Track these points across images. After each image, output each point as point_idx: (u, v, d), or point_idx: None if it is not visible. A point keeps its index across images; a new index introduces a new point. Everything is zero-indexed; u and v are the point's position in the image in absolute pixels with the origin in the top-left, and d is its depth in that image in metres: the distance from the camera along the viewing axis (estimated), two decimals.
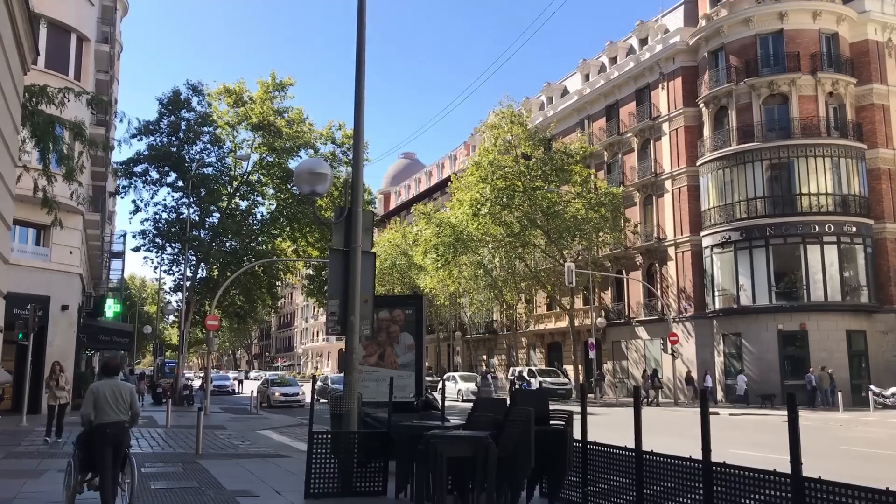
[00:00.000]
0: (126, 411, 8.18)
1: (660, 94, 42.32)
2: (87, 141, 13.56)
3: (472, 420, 9.29)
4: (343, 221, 10.14)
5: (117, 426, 8.03)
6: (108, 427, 7.96)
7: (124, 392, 8.25)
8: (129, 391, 8.39)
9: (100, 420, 7.99)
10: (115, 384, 8.33)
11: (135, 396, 8.48)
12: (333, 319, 9.99)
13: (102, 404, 8.03)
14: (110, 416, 7.99)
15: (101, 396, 8.07)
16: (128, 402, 8.22)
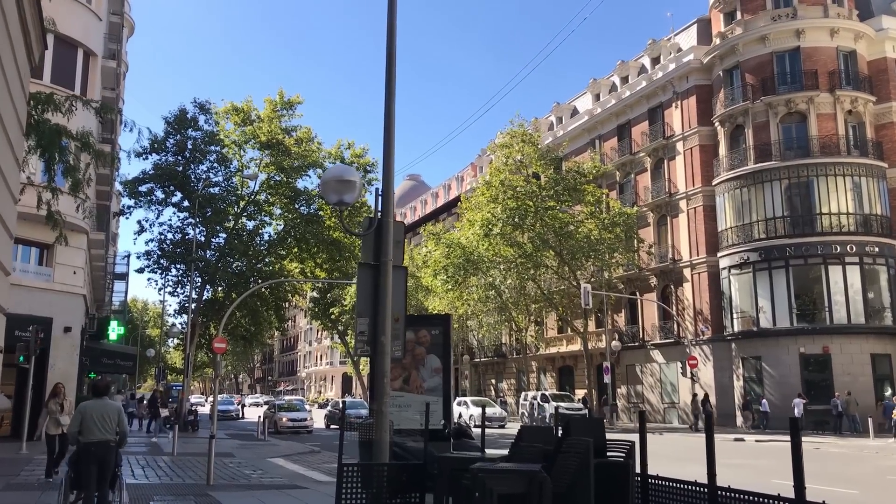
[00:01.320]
0: (113, 431, 8.48)
1: (673, 112, 41.73)
2: (95, 152, 12.83)
3: (518, 451, 8.40)
4: (372, 233, 9.33)
5: (102, 446, 8.35)
6: (93, 446, 8.30)
7: (111, 412, 8.54)
8: (117, 411, 8.70)
9: (86, 439, 8.34)
10: (104, 404, 8.62)
11: (123, 417, 8.77)
12: (362, 340, 9.13)
13: (89, 424, 8.36)
14: (96, 436, 8.33)
15: (87, 416, 8.39)
16: (115, 422, 8.53)
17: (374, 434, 8.97)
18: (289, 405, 38.00)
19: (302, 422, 33.82)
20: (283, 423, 33.38)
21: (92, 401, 8.75)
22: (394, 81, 9.63)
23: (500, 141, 41.93)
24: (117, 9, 29.88)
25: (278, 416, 34.14)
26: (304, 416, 34.72)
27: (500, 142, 42.08)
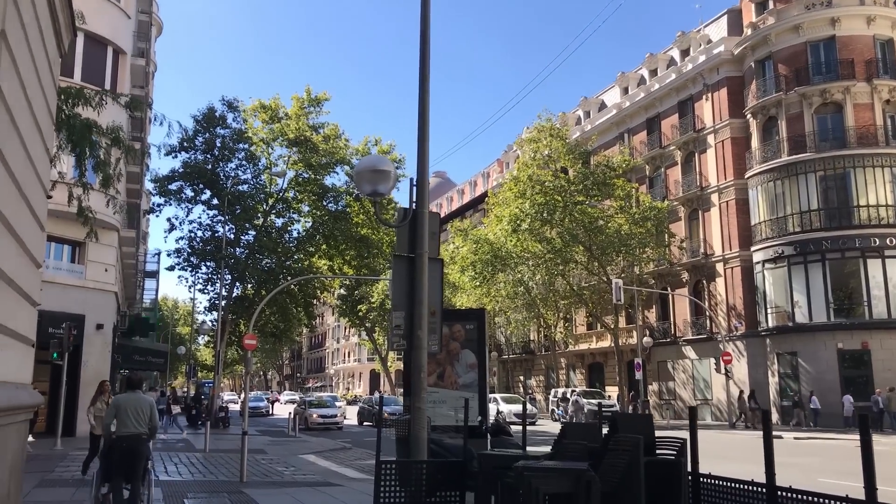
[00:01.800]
0: (145, 424, 8.76)
1: (704, 105, 41.02)
2: (125, 147, 12.74)
3: (562, 448, 8.11)
4: (407, 225, 9.10)
5: (134, 438, 8.61)
6: (125, 440, 8.56)
7: (144, 406, 8.83)
8: (150, 405, 8.97)
9: (119, 432, 8.62)
10: (137, 398, 8.90)
11: (155, 411, 9.04)
12: (398, 334, 8.90)
13: (123, 417, 8.65)
14: (129, 429, 8.60)
15: (122, 410, 8.68)
16: (147, 415, 8.80)
17: (411, 431, 8.74)
18: (319, 401, 37.77)
19: (332, 418, 33.66)
20: (314, 420, 33.23)
21: (126, 394, 9.03)
22: (428, 67, 9.41)
23: (528, 136, 41.51)
24: (146, 7, 29.98)
25: (308, 413, 33.99)
26: (335, 412, 34.55)
27: (527, 136, 41.66)
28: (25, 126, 5.43)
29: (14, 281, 5.46)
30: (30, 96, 5.45)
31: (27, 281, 6.05)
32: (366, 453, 20.65)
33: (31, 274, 6.36)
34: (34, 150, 5.94)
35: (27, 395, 6.04)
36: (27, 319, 6.28)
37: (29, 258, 6.13)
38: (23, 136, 5.35)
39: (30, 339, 6.40)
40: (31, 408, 6.28)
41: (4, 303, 5.23)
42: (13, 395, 5.35)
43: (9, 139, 4.88)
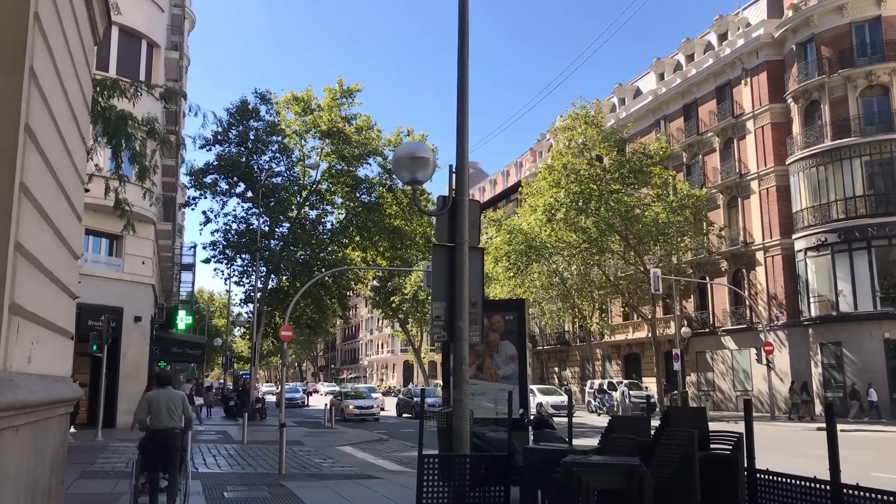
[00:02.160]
0: (179, 418, 9.11)
1: (743, 90, 40.09)
2: (161, 139, 12.69)
3: (610, 443, 7.82)
4: (447, 213, 8.86)
5: (168, 432, 8.96)
6: (160, 433, 8.93)
7: (177, 400, 9.18)
8: (182, 399, 9.33)
9: (154, 426, 8.98)
10: (169, 393, 9.24)
11: (187, 404, 9.40)
12: (439, 325, 8.67)
13: (156, 412, 9.00)
14: (163, 423, 8.96)
15: (155, 404, 9.03)
16: (180, 409, 9.16)
17: (454, 424, 8.52)
18: (355, 392, 37.44)
19: (368, 409, 33.40)
20: (350, 411, 33.00)
21: (158, 390, 9.34)
22: (466, 48, 9.15)
23: (563, 124, 40.93)
24: (178, 1, 30.10)
25: (345, 404, 33.78)
26: (371, 403, 34.27)
27: (562, 124, 41.07)
28: (60, 112, 5.29)
29: (52, 272, 5.33)
30: (64, 81, 5.31)
31: (65, 273, 5.94)
32: (402, 445, 20.55)
33: (70, 265, 6.24)
34: (69, 138, 5.81)
35: (67, 388, 5.93)
36: (66, 312, 6.16)
37: (67, 249, 6.01)
38: (58, 123, 5.22)
39: (69, 331, 6.29)
40: (70, 401, 6.18)
41: (43, 295, 5.11)
42: (53, 388, 5.23)
43: (43, 125, 4.73)
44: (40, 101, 4.61)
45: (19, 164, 4.20)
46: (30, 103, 4.34)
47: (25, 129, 4.30)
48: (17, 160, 4.17)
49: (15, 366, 4.28)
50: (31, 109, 4.38)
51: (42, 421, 5.11)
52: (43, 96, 4.64)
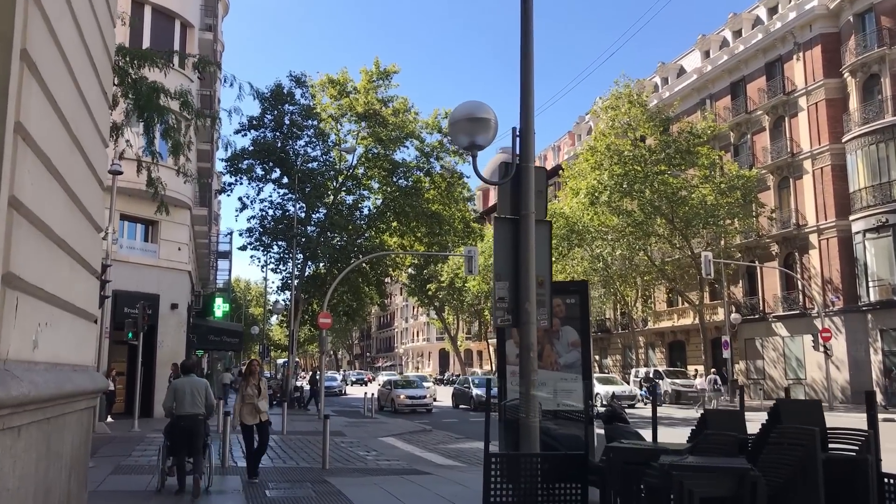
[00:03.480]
0: (201, 405, 9.52)
1: (794, 65, 38.32)
2: (195, 112, 11.92)
3: (704, 441, 6.83)
4: (509, 182, 7.91)
5: (191, 418, 9.39)
6: (184, 419, 9.37)
7: (199, 388, 9.61)
8: (204, 387, 9.72)
9: (178, 412, 9.45)
10: (192, 381, 9.71)
11: (210, 391, 9.78)
12: (502, 307, 7.74)
13: (181, 399, 9.45)
14: (186, 409, 9.41)
15: (179, 392, 9.49)
16: (203, 396, 9.56)
17: (521, 418, 7.60)
18: (405, 381, 35.25)
19: (421, 399, 31.06)
20: (401, 401, 30.76)
21: (182, 378, 9.88)
22: None
23: (606, 103, 39.53)
24: None
25: (395, 394, 31.61)
26: (424, 392, 32.07)
27: (605, 104, 39.67)
28: (72, 50, 4.44)
29: (67, 242, 4.50)
30: (76, 12, 4.45)
31: (84, 245, 5.11)
32: (447, 436, 19.73)
33: (90, 238, 5.42)
34: (87, 86, 4.97)
35: (87, 378, 5.11)
36: (86, 291, 5.35)
37: (85, 218, 5.19)
38: (70, 63, 4.37)
39: (90, 313, 5.47)
40: (92, 394, 5.36)
41: (54, 268, 4.28)
42: (67, 379, 4.41)
43: (49, 59, 3.88)
44: (43, 28, 3.75)
45: (13, 97, 3.34)
46: (27, 24, 3.49)
47: (22, 56, 3.45)
48: (11, 92, 3.32)
49: (14, 352, 3.45)
50: (31, 34, 3.53)
51: (55, 419, 4.29)
52: (47, 20, 3.78)
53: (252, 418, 10.57)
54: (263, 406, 10.69)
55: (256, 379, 10.71)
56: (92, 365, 5.67)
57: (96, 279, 5.81)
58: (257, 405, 10.57)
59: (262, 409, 10.62)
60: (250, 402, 10.55)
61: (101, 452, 13.39)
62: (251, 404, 10.55)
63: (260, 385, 10.70)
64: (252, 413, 10.57)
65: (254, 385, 10.62)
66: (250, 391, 10.56)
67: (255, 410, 10.55)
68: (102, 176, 5.88)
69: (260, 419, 10.60)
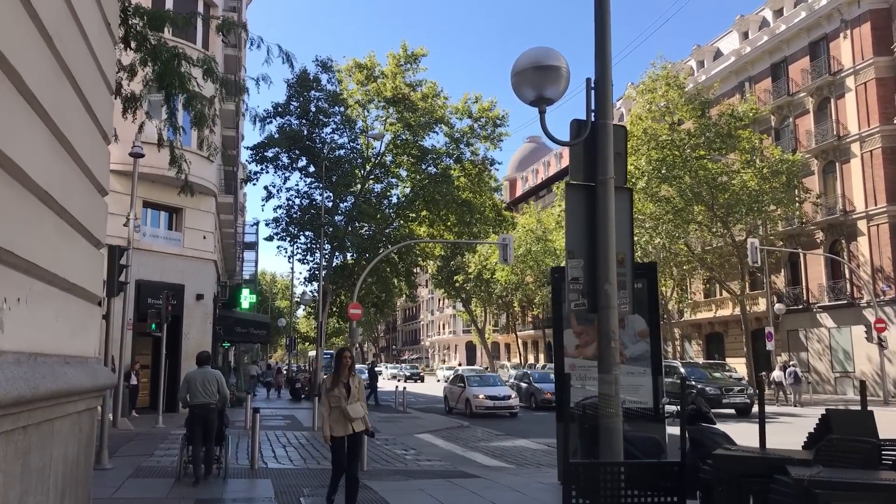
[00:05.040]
0: (214, 395, 9.84)
1: (841, 44, 36.57)
2: (221, 81, 10.89)
3: (831, 447, 5.64)
4: (583, 144, 6.76)
5: (204, 408, 9.74)
6: (198, 409, 9.74)
7: (212, 379, 9.91)
8: (216, 378, 10.00)
9: (192, 402, 9.79)
10: (205, 372, 10.01)
11: (223, 382, 10.06)
12: (576, 289, 6.59)
13: (194, 390, 9.78)
14: (199, 399, 9.74)
15: (192, 383, 9.84)
16: (215, 387, 9.88)
17: (601, 419, 6.46)
18: (482, 378, 29.57)
19: (504, 400, 25.45)
20: (480, 402, 25.18)
21: (195, 370, 10.12)
22: None
23: (643, 86, 38.04)
24: None
25: (472, 392, 25.94)
26: (507, 392, 26.51)
27: (641, 87, 38.18)
28: None
29: (52, 196, 3.45)
30: None
31: (80, 205, 4.07)
32: (486, 433, 18.65)
33: (88, 197, 4.37)
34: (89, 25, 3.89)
35: (85, 374, 4.06)
36: (84, 263, 4.30)
37: (81, 171, 4.13)
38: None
39: (91, 292, 4.42)
40: (92, 392, 4.32)
41: (32, 228, 3.23)
42: (51, 375, 3.35)
43: None
44: None
45: None
46: None
47: None
48: None
49: None
50: None
51: (36, 427, 3.24)
52: None
53: (342, 428, 7.73)
54: (357, 411, 7.76)
55: (347, 374, 7.79)
56: (94, 357, 4.62)
57: (100, 252, 4.77)
58: (347, 410, 7.68)
59: (354, 414, 7.71)
60: (337, 405, 7.72)
61: (121, 451, 12.48)
62: (338, 409, 7.72)
63: (351, 383, 7.77)
64: (341, 420, 7.72)
65: (343, 384, 7.74)
66: (338, 392, 7.70)
67: (345, 419, 7.71)
68: (107, 127, 4.83)
69: (353, 428, 7.76)
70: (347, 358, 7.98)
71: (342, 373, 7.78)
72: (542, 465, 12.57)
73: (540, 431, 18.38)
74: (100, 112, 4.57)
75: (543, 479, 10.36)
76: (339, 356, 8.01)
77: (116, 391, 16.83)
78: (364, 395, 8.10)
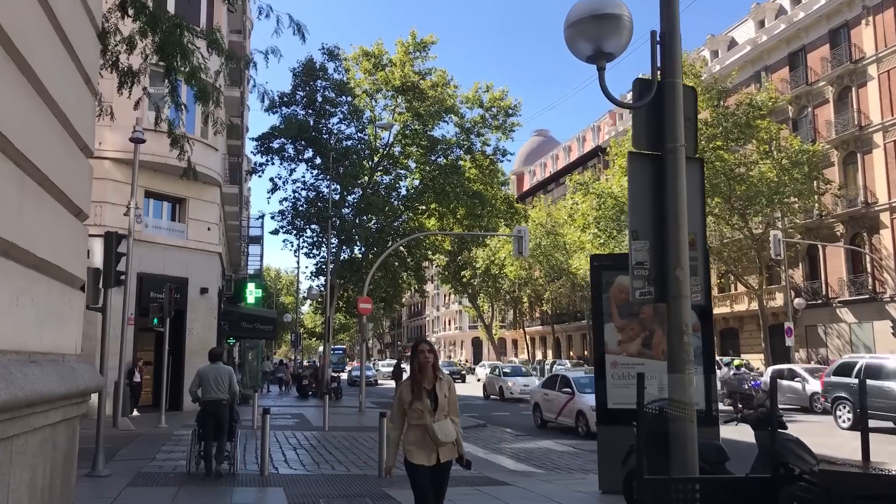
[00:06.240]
0: (225, 391, 9.86)
1: (863, 31, 35.52)
2: (226, 53, 9.99)
3: None
4: (647, 106, 5.84)
5: (215, 403, 9.77)
6: (209, 404, 9.77)
7: (224, 375, 9.92)
8: (228, 374, 10.02)
9: (204, 398, 9.81)
10: (217, 368, 10.01)
11: (234, 378, 10.11)
12: (642, 275, 5.65)
13: (206, 385, 9.81)
14: (211, 395, 9.77)
15: (204, 378, 9.84)
16: (227, 383, 9.90)
17: (673, 426, 5.55)
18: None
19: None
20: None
21: (207, 365, 10.11)
22: None
23: None
24: None
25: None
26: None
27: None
28: None
29: (8, 139, 2.54)
30: None
31: (54, 161, 3.18)
32: (505, 433, 17.77)
33: (66, 154, 3.47)
34: None
35: (55, 375, 3.16)
36: (59, 236, 3.39)
37: (58, 121, 3.23)
38: None
39: (68, 273, 3.53)
40: (67, 399, 3.41)
41: None
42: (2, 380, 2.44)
43: None
44: None
45: None
46: None
47: None
48: None
49: None
50: None
51: None
52: None
53: (426, 455, 5.18)
54: (448, 432, 5.21)
55: (433, 378, 5.27)
56: (73, 353, 3.72)
57: (81, 224, 3.86)
58: (433, 430, 5.13)
59: (443, 437, 5.17)
60: (419, 422, 5.18)
61: (120, 455, 11.61)
62: (421, 427, 5.18)
63: (437, 389, 5.22)
64: (424, 443, 5.18)
65: (426, 391, 5.21)
66: (419, 405, 5.17)
67: (428, 438, 5.15)
68: (90, 71, 3.92)
69: (439, 457, 5.20)
70: (428, 353, 5.30)
71: (424, 375, 5.25)
72: (572, 470, 11.68)
73: (560, 432, 17.49)
74: (80, 48, 3.67)
75: (581, 488, 9.47)
76: (417, 351, 5.32)
77: (117, 389, 15.99)
78: (457, 408, 5.45)
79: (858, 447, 5.10)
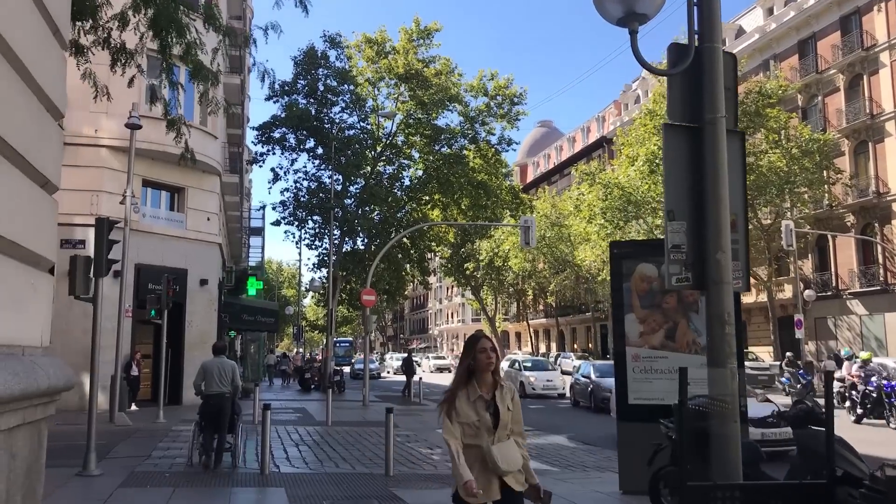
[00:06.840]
0: (228, 384, 9.92)
1: (874, 17, 34.83)
2: (224, 30, 9.46)
3: None
4: (684, 74, 5.32)
5: (218, 397, 9.84)
6: (212, 398, 9.84)
7: (227, 368, 9.99)
8: (232, 368, 10.08)
9: (206, 391, 9.86)
10: (221, 362, 10.06)
11: (237, 372, 10.16)
12: (679, 259, 5.12)
13: (209, 379, 9.86)
14: (214, 389, 9.83)
15: (208, 372, 9.89)
16: (230, 376, 9.96)
17: (714, 426, 5.04)
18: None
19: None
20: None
21: (212, 359, 10.13)
22: None
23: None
24: None
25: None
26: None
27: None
28: None
29: None
30: None
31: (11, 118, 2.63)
32: None
33: (26, 111, 2.94)
34: None
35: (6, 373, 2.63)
36: (17, 206, 2.87)
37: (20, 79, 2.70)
38: None
39: (30, 251, 3.01)
40: (26, 399, 2.89)
41: None
42: None
43: None
44: None
45: None
46: None
47: None
48: None
49: None
50: None
51: None
52: None
53: (485, 485, 3.84)
54: (513, 459, 3.91)
55: (493, 385, 4.03)
56: (38, 346, 3.19)
57: (50, 197, 3.34)
58: (493, 455, 3.85)
59: (506, 464, 3.86)
60: (474, 443, 3.91)
61: (114, 452, 11.13)
62: (476, 448, 3.89)
63: (498, 399, 3.97)
64: (483, 472, 3.86)
65: (484, 400, 3.97)
66: (476, 415, 3.94)
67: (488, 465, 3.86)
68: (61, 23, 3.39)
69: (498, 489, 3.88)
70: (491, 352, 4.05)
71: (482, 379, 4.02)
72: (588, 468, 11.17)
73: (570, 426, 17.04)
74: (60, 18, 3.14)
75: (599, 488, 8.97)
76: (477, 349, 4.03)
77: (114, 383, 15.52)
78: (522, 426, 4.13)
79: None
